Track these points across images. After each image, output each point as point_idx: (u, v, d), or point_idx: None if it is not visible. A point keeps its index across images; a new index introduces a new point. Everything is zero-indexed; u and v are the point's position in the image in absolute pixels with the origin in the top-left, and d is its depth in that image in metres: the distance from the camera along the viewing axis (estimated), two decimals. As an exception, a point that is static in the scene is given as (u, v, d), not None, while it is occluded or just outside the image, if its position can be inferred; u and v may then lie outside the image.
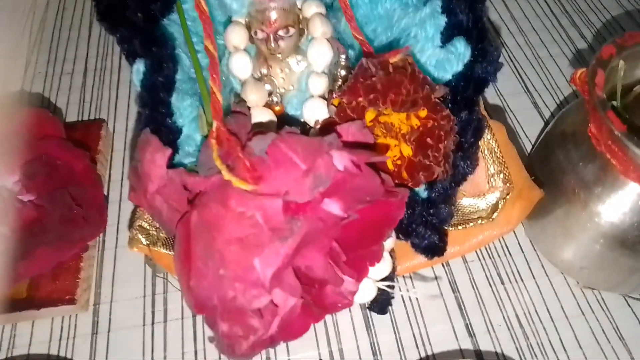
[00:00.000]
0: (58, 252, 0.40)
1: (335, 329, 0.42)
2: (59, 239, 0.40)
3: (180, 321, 0.42)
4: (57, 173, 0.40)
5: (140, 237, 0.36)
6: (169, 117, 0.33)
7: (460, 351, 0.41)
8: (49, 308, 0.40)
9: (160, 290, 0.43)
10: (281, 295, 0.28)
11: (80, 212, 0.40)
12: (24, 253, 0.39)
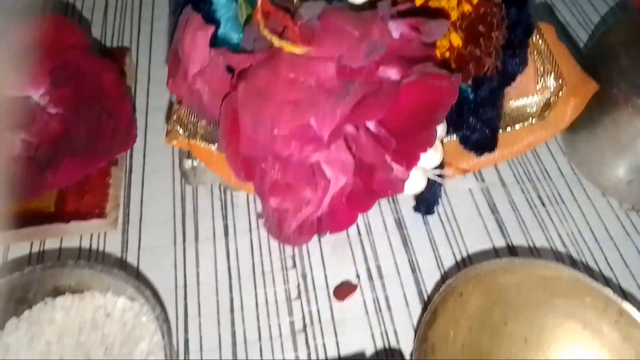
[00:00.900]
0: (86, 163, 0.38)
1: (373, 248, 0.40)
2: (87, 150, 0.38)
3: (211, 241, 0.41)
4: (85, 84, 0.39)
5: (178, 129, 0.34)
6: (208, 5, 0.32)
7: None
8: (78, 222, 0.39)
9: (190, 212, 0.42)
10: (333, 172, 0.26)
11: (109, 124, 0.39)
12: (51, 162, 0.37)
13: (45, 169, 0.37)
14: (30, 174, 0.37)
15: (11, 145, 0.37)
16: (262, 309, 0.37)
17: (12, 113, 0.37)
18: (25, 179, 0.37)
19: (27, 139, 0.37)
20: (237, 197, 0.43)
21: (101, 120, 0.39)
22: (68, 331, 0.33)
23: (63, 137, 0.38)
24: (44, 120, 0.38)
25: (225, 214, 0.42)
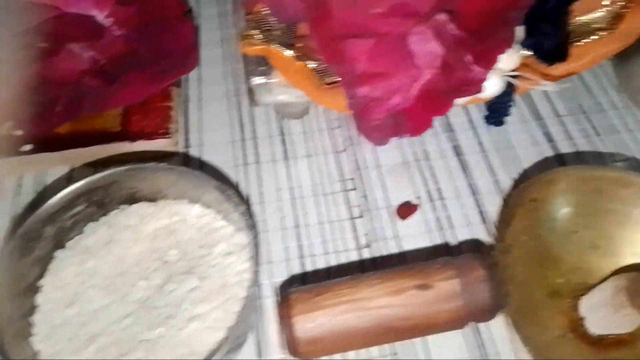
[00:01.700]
0: (150, 81, 0.39)
1: (431, 172, 0.41)
2: (151, 69, 0.39)
3: (272, 163, 0.41)
4: (148, 5, 0.39)
5: (255, 33, 0.34)
6: None
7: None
8: (143, 141, 0.39)
9: (250, 136, 0.43)
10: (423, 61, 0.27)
11: (172, 44, 0.39)
12: (118, 79, 0.38)
13: (112, 85, 0.37)
14: (98, 89, 0.37)
15: (80, 61, 0.37)
16: (326, 226, 0.38)
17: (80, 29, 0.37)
18: (93, 94, 0.38)
19: (94, 56, 0.38)
20: (290, 126, 0.43)
21: (164, 40, 0.39)
22: (143, 236, 0.33)
23: (128, 56, 0.38)
24: (109, 39, 0.38)
25: (284, 140, 0.43)
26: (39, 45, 0.37)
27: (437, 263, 0.28)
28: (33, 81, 0.37)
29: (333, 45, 0.27)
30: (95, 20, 0.38)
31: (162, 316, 0.30)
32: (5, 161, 0.39)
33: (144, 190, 0.34)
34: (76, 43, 0.37)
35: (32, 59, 0.37)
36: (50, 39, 0.37)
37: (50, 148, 0.39)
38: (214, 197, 0.33)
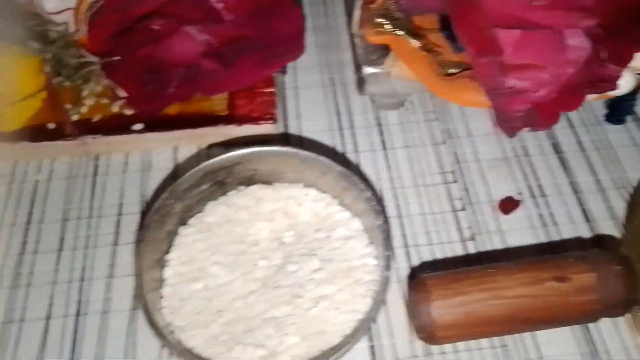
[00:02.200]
0: (260, 66, 0.39)
1: (532, 168, 0.41)
2: (261, 54, 0.39)
3: (371, 153, 0.42)
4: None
5: (383, 21, 0.34)
6: None
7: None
8: (250, 125, 0.40)
9: (348, 126, 0.43)
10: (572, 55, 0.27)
11: (281, 31, 0.40)
12: (230, 63, 0.39)
13: (225, 68, 0.38)
14: (212, 72, 0.38)
15: (195, 44, 0.38)
16: (429, 218, 0.38)
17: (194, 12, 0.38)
18: (207, 77, 0.38)
19: (208, 40, 0.39)
20: (387, 116, 0.44)
21: (274, 26, 0.40)
22: (260, 217, 0.34)
23: (240, 40, 0.39)
24: (223, 23, 0.39)
25: (381, 130, 0.43)
26: (155, 27, 0.38)
27: (570, 257, 0.28)
28: (147, 61, 0.38)
29: (480, 35, 0.27)
30: (210, 4, 0.39)
31: (288, 295, 0.30)
32: (114, 139, 0.40)
33: (262, 172, 0.35)
34: (192, 26, 0.38)
35: (147, 39, 0.38)
36: (166, 20, 0.38)
37: (159, 128, 0.40)
38: (331, 182, 0.34)
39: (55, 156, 0.41)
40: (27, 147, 0.39)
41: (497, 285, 0.27)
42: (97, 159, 0.41)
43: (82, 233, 0.37)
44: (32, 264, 0.36)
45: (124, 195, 0.39)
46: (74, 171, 0.40)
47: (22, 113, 0.38)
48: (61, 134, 0.39)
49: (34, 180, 0.40)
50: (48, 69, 0.38)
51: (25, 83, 0.38)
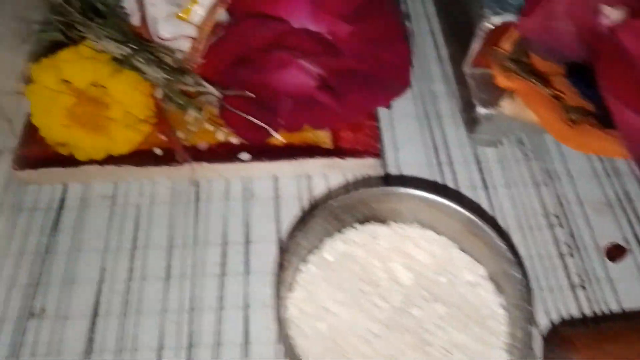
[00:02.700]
0: (371, 99, 0.39)
1: (636, 214, 0.40)
2: (371, 88, 0.39)
3: (471, 190, 0.41)
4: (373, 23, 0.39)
5: (513, 66, 0.34)
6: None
7: None
8: (354, 158, 0.40)
9: (446, 160, 0.43)
10: None
11: (391, 65, 0.40)
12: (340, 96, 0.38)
13: (337, 101, 0.38)
14: (324, 105, 0.38)
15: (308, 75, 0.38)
16: (536, 260, 0.38)
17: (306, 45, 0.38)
18: (318, 109, 0.38)
19: (320, 72, 0.39)
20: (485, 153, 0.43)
21: (384, 59, 0.39)
22: (376, 256, 0.34)
23: (350, 73, 0.39)
24: (335, 55, 0.39)
25: (480, 167, 0.43)
26: (269, 58, 0.38)
27: None
28: (259, 91, 0.38)
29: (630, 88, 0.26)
30: (324, 37, 0.39)
31: (415, 341, 0.30)
32: (220, 167, 0.40)
33: (378, 210, 0.34)
34: (306, 58, 0.38)
35: (261, 69, 0.38)
36: (281, 52, 0.38)
37: (264, 157, 0.40)
38: (451, 224, 0.33)
39: (157, 180, 0.41)
40: (132, 170, 0.40)
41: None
42: (198, 185, 0.41)
43: (188, 261, 0.37)
44: (140, 291, 0.36)
45: (228, 224, 0.39)
46: (176, 196, 0.40)
47: (132, 137, 0.38)
48: (168, 159, 0.39)
49: (136, 203, 0.40)
50: (160, 94, 0.38)
51: (137, 108, 0.38)
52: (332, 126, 0.39)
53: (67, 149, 0.39)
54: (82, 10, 0.37)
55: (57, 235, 0.39)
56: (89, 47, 0.37)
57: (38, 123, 0.37)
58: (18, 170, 0.39)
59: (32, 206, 0.40)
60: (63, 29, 0.39)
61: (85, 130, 0.37)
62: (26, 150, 0.40)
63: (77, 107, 0.37)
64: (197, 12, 0.39)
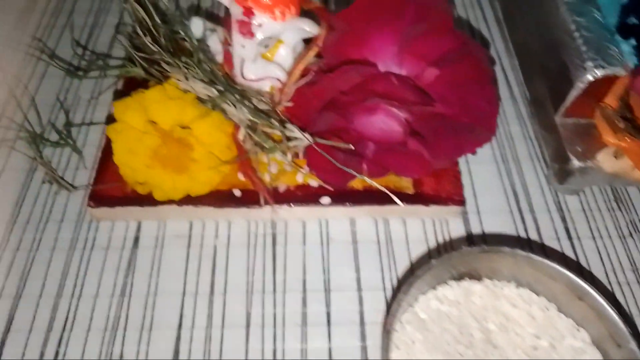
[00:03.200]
0: (455, 147, 0.38)
1: None
2: (456, 135, 0.38)
3: (556, 240, 0.40)
4: (462, 67, 0.38)
5: (621, 124, 0.33)
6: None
7: None
8: (437, 206, 0.39)
9: (527, 208, 0.41)
10: None
11: (479, 110, 0.39)
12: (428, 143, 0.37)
13: (425, 148, 0.37)
14: (412, 152, 0.37)
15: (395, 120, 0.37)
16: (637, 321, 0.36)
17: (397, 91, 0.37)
18: (404, 155, 0.37)
19: (408, 117, 0.37)
20: (566, 200, 0.42)
21: (471, 105, 0.38)
22: (471, 315, 0.32)
23: (438, 119, 0.38)
24: (422, 100, 0.38)
25: (563, 216, 0.41)
26: (355, 102, 0.37)
27: None
28: (344, 135, 0.37)
29: None
30: (410, 80, 0.38)
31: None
32: (299, 210, 0.39)
33: (475, 267, 0.33)
34: (393, 103, 0.37)
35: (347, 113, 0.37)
36: (369, 97, 0.37)
37: (344, 201, 0.39)
38: (551, 285, 0.32)
39: (234, 220, 0.40)
40: (210, 211, 0.39)
41: None
42: (275, 227, 0.40)
43: (268, 309, 0.36)
44: (220, 340, 0.35)
45: (307, 269, 0.38)
46: (252, 238, 0.40)
47: (212, 178, 0.37)
48: (247, 200, 0.38)
49: (213, 244, 0.39)
50: (243, 135, 0.38)
51: (220, 149, 0.37)
52: (419, 174, 0.38)
53: (145, 187, 0.38)
54: (168, 49, 0.37)
55: (132, 275, 0.38)
56: (174, 87, 0.36)
57: (120, 162, 0.37)
58: (93, 208, 0.38)
59: (106, 244, 0.39)
60: (146, 66, 0.38)
61: (167, 171, 0.36)
62: (101, 187, 0.39)
63: (161, 148, 0.36)
64: (282, 52, 0.38)
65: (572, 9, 0.37)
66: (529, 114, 0.46)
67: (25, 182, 0.42)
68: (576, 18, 0.36)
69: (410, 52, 0.39)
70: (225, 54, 0.38)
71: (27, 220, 0.40)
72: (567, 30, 0.36)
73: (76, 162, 0.43)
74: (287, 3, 0.35)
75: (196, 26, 0.39)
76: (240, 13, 0.35)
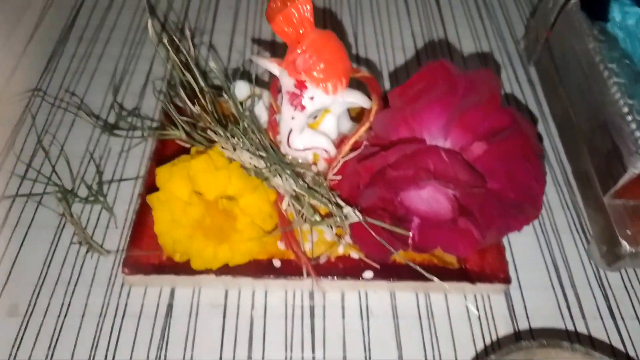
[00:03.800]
0: (504, 225, 0.37)
1: None
2: (504, 212, 0.37)
3: (598, 321, 0.39)
4: (513, 142, 0.38)
5: None
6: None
7: None
8: (482, 283, 0.38)
9: (568, 284, 0.41)
10: None
11: (527, 187, 0.38)
12: (476, 220, 0.37)
13: (476, 229, 0.36)
14: (460, 230, 0.36)
15: (444, 197, 0.36)
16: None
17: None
18: (454, 233, 0.36)
19: (456, 194, 0.37)
20: (608, 276, 0.41)
21: (519, 182, 0.38)
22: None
23: (486, 196, 0.37)
24: (471, 176, 0.37)
25: (605, 294, 0.41)
26: (404, 176, 0.36)
27: None
28: (390, 208, 0.37)
29: None
30: (459, 155, 0.37)
31: None
32: (340, 283, 0.38)
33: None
34: (441, 178, 0.36)
35: (394, 188, 0.37)
36: (418, 171, 0.36)
37: (387, 275, 0.38)
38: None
39: (271, 290, 0.39)
40: (248, 281, 0.38)
41: None
42: (313, 297, 0.39)
43: (308, 387, 0.35)
44: (260, 421, 0.34)
45: (347, 344, 0.37)
46: (290, 309, 0.38)
47: (253, 248, 0.36)
48: (287, 271, 0.37)
49: (249, 315, 0.38)
50: (286, 205, 0.37)
51: (263, 219, 0.36)
52: (467, 253, 0.37)
53: (183, 256, 0.36)
54: (215, 116, 0.36)
55: (166, 347, 0.36)
56: (219, 154, 0.35)
57: (160, 232, 0.35)
58: (128, 275, 0.37)
59: (138, 311, 0.38)
60: (188, 130, 0.37)
61: (208, 241, 0.35)
62: (136, 253, 0.37)
63: (205, 218, 0.35)
64: (329, 121, 0.37)
65: (624, 90, 0.36)
66: (565, 181, 0.46)
67: (54, 241, 0.41)
68: (628, 101, 0.36)
69: (457, 125, 0.38)
70: (272, 121, 0.37)
71: (55, 282, 0.39)
72: (618, 112, 0.36)
73: (106, 219, 0.42)
74: (339, 76, 0.35)
75: (241, 90, 0.39)
76: (292, 85, 0.35)
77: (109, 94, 0.50)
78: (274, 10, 0.34)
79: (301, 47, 0.34)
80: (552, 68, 0.47)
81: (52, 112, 0.48)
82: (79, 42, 0.55)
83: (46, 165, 0.45)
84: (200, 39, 0.56)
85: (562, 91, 0.45)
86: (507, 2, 0.63)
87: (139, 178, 0.44)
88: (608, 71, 0.38)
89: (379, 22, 0.60)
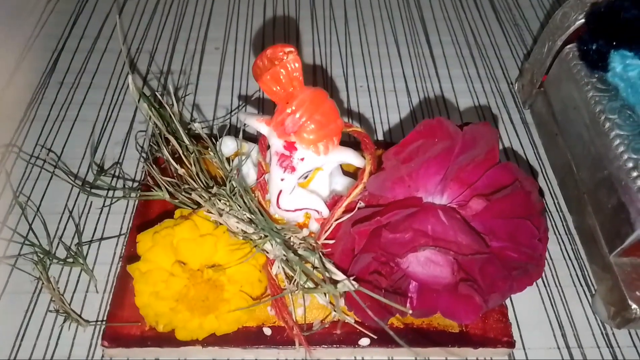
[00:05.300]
0: (505, 288, 0.35)
1: None
2: (506, 276, 0.35)
3: (609, 385, 0.37)
4: (513, 200, 0.36)
5: None
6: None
7: None
8: (485, 348, 0.36)
9: (574, 344, 0.39)
10: None
11: (529, 247, 0.36)
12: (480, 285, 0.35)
13: (478, 295, 0.34)
14: (461, 297, 0.34)
15: (443, 261, 0.35)
16: None
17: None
18: (455, 299, 0.34)
19: (456, 257, 0.35)
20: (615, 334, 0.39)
21: (519, 241, 0.36)
22: None
23: (490, 258, 0.35)
24: (476, 243, 0.35)
25: (613, 352, 0.39)
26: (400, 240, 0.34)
27: None
28: (388, 272, 0.35)
29: None
30: (460, 215, 0.35)
31: None
32: (336, 351, 0.35)
33: None
34: (440, 241, 0.34)
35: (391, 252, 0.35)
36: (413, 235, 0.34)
37: (383, 342, 0.35)
38: None
39: (262, 358, 0.36)
40: (237, 351, 0.35)
41: None
42: (306, 366, 0.36)
43: None
44: None
45: (343, 421, 0.35)
46: (281, 379, 0.36)
47: (241, 316, 0.34)
48: (278, 339, 0.35)
49: (240, 388, 0.35)
50: (276, 270, 0.34)
51: (251, 286, 0.34)
52: (470, 320, 0.35)
53: (167, 327, 0.34)
54: (201, 180, 0.34)
55: None
56: (205, 219, 0.33)
57: (141, 304, 0.33)
58: (108, 348, 0.35)
59: (119, 386, 0.35)
60: (173, 191, 0.35)
61: (193, 313, 0.33)
62: (117, 326, 0.35)
63: (188, 290, 0.32)
64: (320, 179, 0.35)
65: (627, 144, 0.35)
66: (566, 231, 0.44)
67: (28, 308, 0.38)
68: (633, 155, 0.34)
69: (454, 179, 0.37)
70: (261, 181, 0.35)
71: (29, 356, 0.36)
72: (623, 168, 0.34)
73: (86, 283, 0.39)
74: (330, 136, 0.33)
75: (228, 146, 0.37)
76: (281, 146, 0.33)
77: (90, 145, 0.48)
78: (261, 69, 0.32)
79: (290, 107, 0.32)
80: (549, 114, 0.46)
81: (28, 167, 0.46)
82: (59, 87, 0.53)
83: (22, 224, 0.42)
84: (184, 91, 0.53)
85: (561, 140, 0.43)
86: (500, 44, 0.62)
87: (121, 236, 0.42)
88: (610, 123, 0.36)
89: (370, 62, 0.58)
